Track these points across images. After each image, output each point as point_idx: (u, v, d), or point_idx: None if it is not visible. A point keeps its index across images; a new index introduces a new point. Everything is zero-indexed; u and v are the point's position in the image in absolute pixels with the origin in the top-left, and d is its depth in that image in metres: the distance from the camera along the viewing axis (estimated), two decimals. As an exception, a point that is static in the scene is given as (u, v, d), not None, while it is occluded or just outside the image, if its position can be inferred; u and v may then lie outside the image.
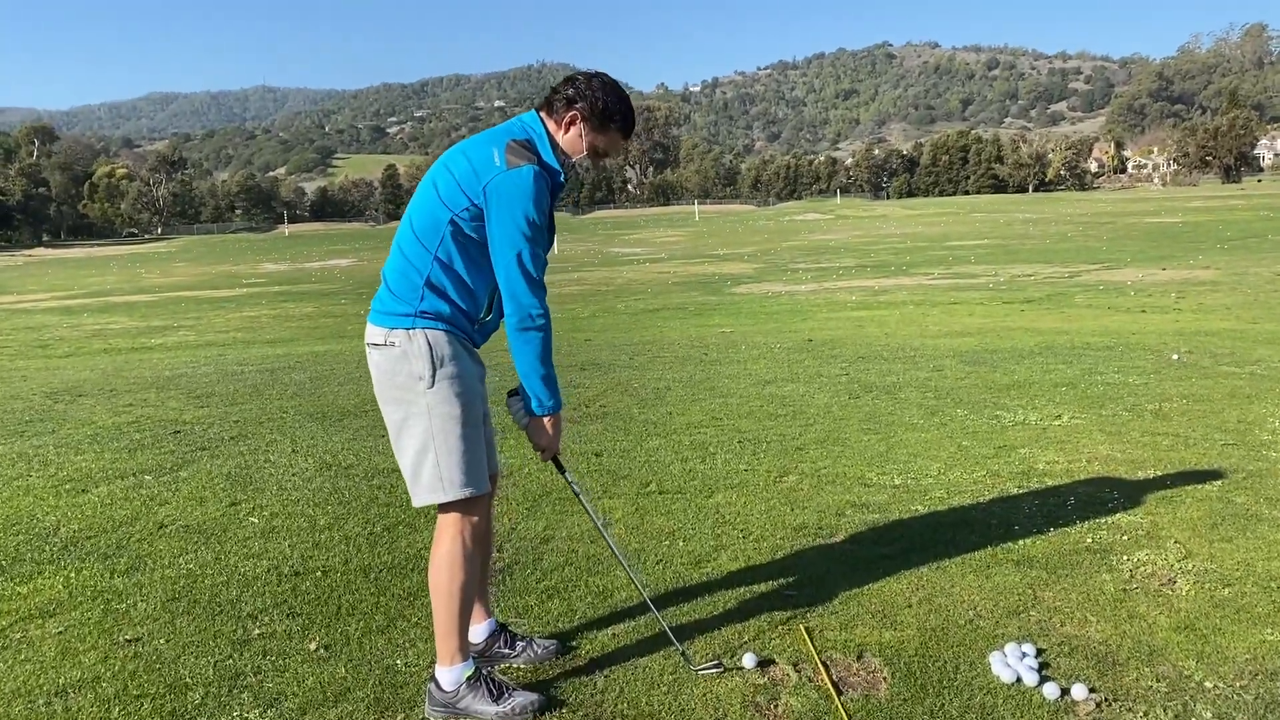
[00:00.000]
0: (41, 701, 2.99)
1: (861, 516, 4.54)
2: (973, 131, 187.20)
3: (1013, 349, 10.18)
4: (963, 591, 3.62)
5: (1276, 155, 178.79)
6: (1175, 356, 9.10)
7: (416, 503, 2.87)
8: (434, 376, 2.81)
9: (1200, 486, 4.81)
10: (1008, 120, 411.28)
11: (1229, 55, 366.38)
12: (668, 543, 4.27)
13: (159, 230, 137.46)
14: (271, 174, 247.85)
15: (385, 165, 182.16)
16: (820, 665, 3.05)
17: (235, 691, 3.02)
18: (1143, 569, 3.79)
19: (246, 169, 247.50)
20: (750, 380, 8.48)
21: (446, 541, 2.87)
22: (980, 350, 10.18)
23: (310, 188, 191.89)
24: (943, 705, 2.82)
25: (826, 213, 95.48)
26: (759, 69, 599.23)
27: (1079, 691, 2.84)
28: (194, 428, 7.10)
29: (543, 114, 2.93)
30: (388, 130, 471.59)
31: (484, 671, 2.93)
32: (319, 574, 4.02)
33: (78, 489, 5.45)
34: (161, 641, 3.40)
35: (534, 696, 2.88)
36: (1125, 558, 3.90)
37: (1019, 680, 2.92)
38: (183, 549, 4.37)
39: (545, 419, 2.95)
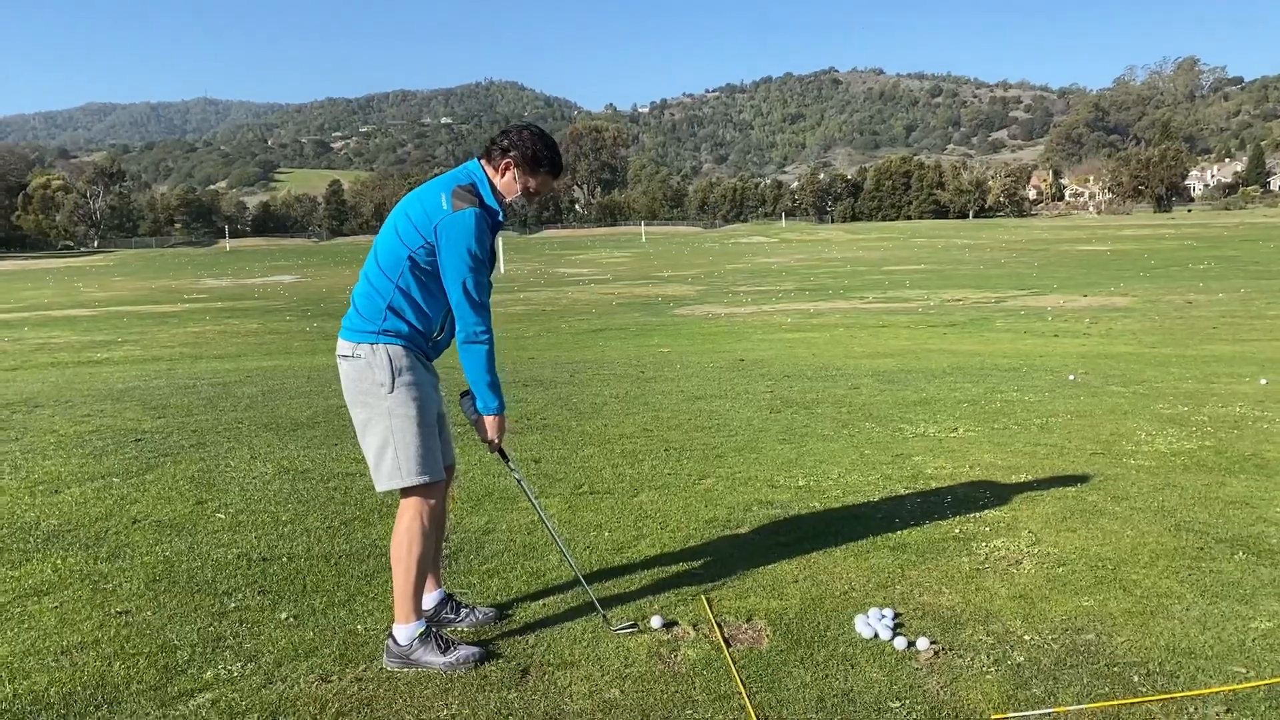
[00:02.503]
0: (50, 659, 3.48)
1: (766, 512, 5.17)
2: (915, 158, 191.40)
3: (926, 369, 10.96)
4: (843, 570, 4.25)
5: (1206, 186, 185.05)
6: (1071, 377, 9.91)
7: (379, 488, 3.45)
8: (394, 384, 3.40)
9: (1062, 488, 5.51)
10: (950, 147, 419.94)
11: (1162, 88, 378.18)
12: (594, 533, 4.86)
13: (96, 244, 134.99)
14: (212, 187, 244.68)
15: (330, 180, 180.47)
16: (715, 625, 3.65)
17: (218, 651, 3.54)
18: (996, 553, 4.46)
19: (187, 182, 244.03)
20: (681, 396, 9.11)
21: (406, 520, 3.45)
22: (897, 370, 10.94)
23: (252, 202, 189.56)
24: (812, 655, 3.44)
25: (771, 236, 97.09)
26: (707, 91, 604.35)
27: (922, 644, 3.47)
28: (154, 436, 7.52)
29: (483, 161, 3.55)
30: (332, 145, 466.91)
31: (433, 629, 3.49)
32: (285, 560, 4.54)
33: (51, 489, 5.88)
34: (149, 613, 3.90)
35: (476, 649, 3.44)
36: (984, 544, 4.57)
37: (876, 636, 3.55)
38: (158, 540, 4.86)
39: (490, 418, 3.54)
